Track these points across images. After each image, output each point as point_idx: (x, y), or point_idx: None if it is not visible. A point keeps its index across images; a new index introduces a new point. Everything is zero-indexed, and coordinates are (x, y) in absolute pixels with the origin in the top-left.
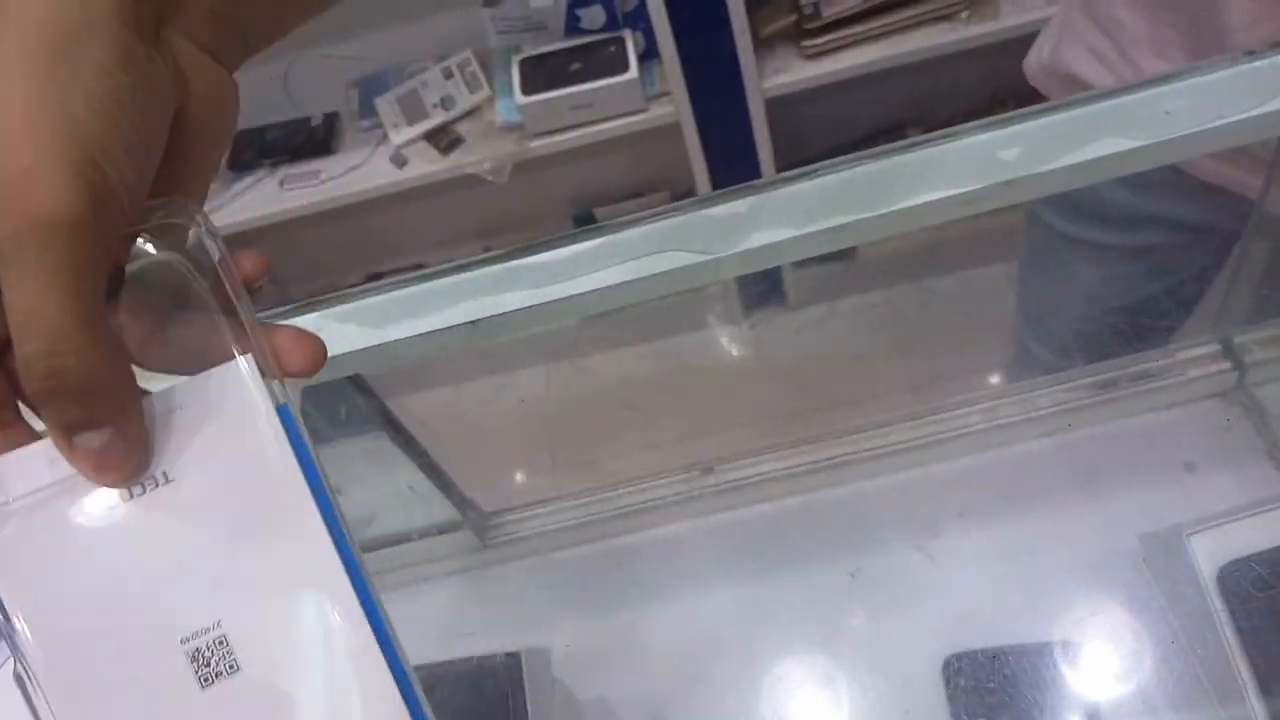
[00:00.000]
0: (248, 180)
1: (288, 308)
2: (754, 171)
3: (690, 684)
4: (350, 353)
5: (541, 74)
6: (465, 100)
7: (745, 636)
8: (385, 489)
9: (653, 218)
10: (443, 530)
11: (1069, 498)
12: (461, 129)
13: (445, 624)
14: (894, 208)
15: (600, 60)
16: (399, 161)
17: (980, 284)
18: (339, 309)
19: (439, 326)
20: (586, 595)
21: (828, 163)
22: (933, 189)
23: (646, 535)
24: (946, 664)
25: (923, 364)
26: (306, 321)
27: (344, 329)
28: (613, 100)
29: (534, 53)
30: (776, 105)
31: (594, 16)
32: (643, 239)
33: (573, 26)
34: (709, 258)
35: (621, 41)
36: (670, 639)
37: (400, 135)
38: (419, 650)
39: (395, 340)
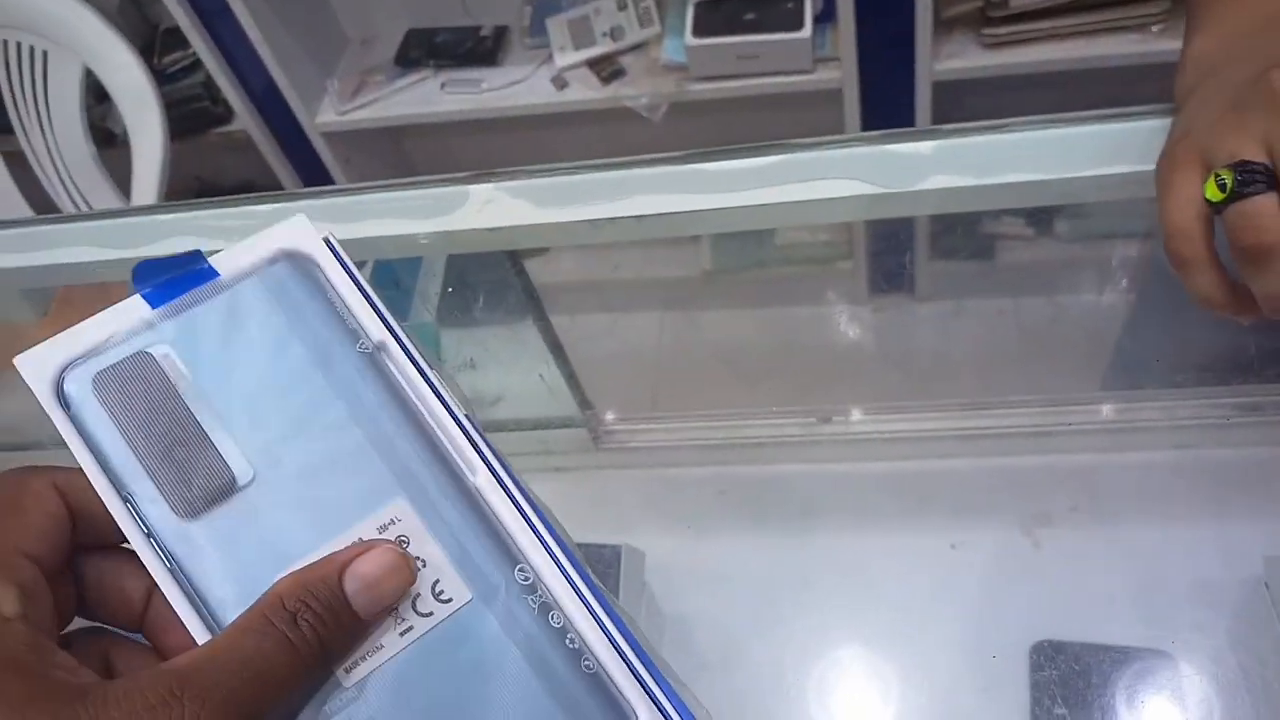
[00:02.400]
0: (411, 78)
1: (465, 174)
2: None
3: (770, 623)
4: (513, 227)
5: (715, 18)
6: (634, 33)
7: (834, 586)
8: (517, 374)
9: (834, 144)
10: (561, 425)
11: (1192, 512)
12: (625, 61)
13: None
14: (1085, 174)
15: (776, 14)
16: (559, 84)
17: (1116, 305)
18: (512, 184)
19: (605, 215)
20: (687, 515)
21: (1022, 120)
22: (1127, 163)
23: (755, 470)
24: (1035, 649)
25: (1055, 365)
26: (481, 190)
27: (515, 203)
28: (781, 56)
29: None
30: (944, 90)
31: None
32: (822, 163)
33: None
34: (884, 191)
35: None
36: (761, 575)
37: (565, 58)
38: None
39: (559, 223)
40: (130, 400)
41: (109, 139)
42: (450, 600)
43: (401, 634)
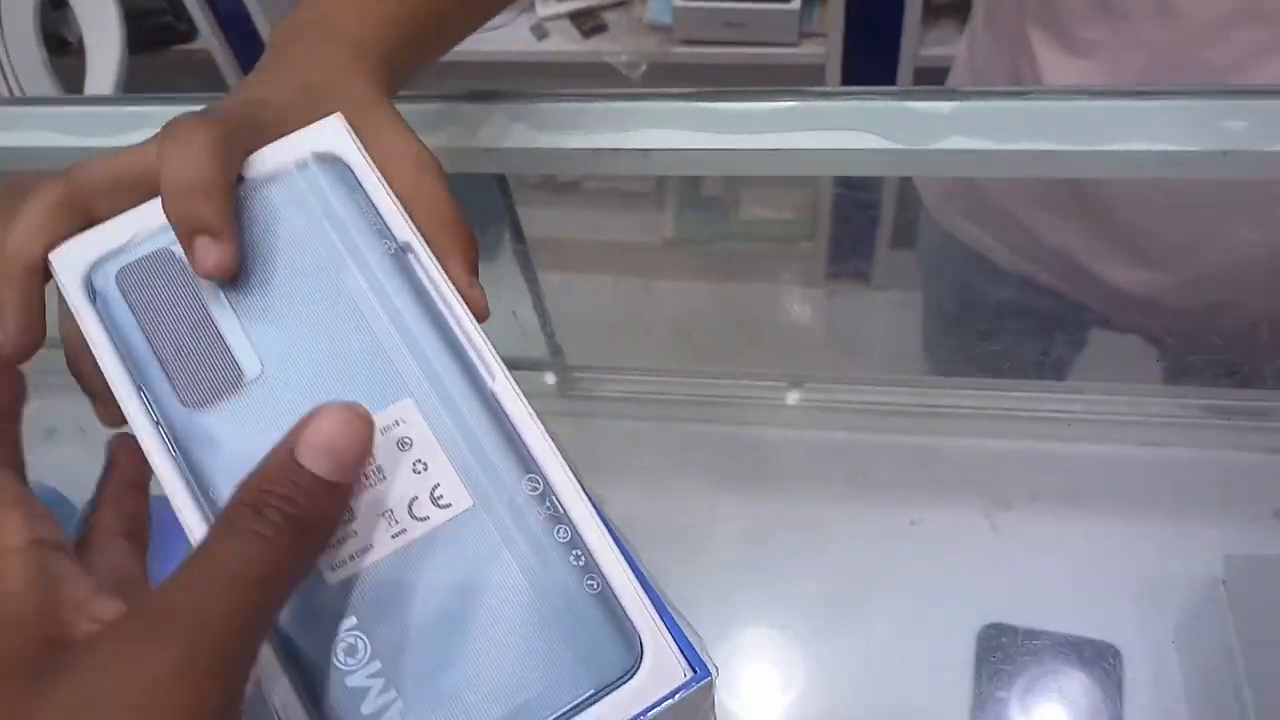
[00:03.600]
0: None
1: (464, 93)
2: None
3: (728, 585)
4: (509, 150)
5: None
6: None
7: (792, 550)
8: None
9: (851, 95)
10: (530, 368)
11: (1154, 509)
12: (609, 17)
13: None
14: (1104, 148)
15: None
16: (539, 33)
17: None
18: (515, 107)
19: (610, 146)
20: (650, 469)
21: (1047, 88)
22: (1150, 141)
23: (719, 429)
24: (983, 631)
25: (1023, 354)
26: (474, 110)
27: (513, 126)
28: (767, 26)
29: None
30: (927, 76)
31: None
32: (836, 113)
33: None
34: (898, 147)
35: None
36: (722, 535)
37: (547, 8)
38: None
39: (563, 149)
40: (151, 295)
41: (62, 46)
42: (449, 506)
43: (393, 536)
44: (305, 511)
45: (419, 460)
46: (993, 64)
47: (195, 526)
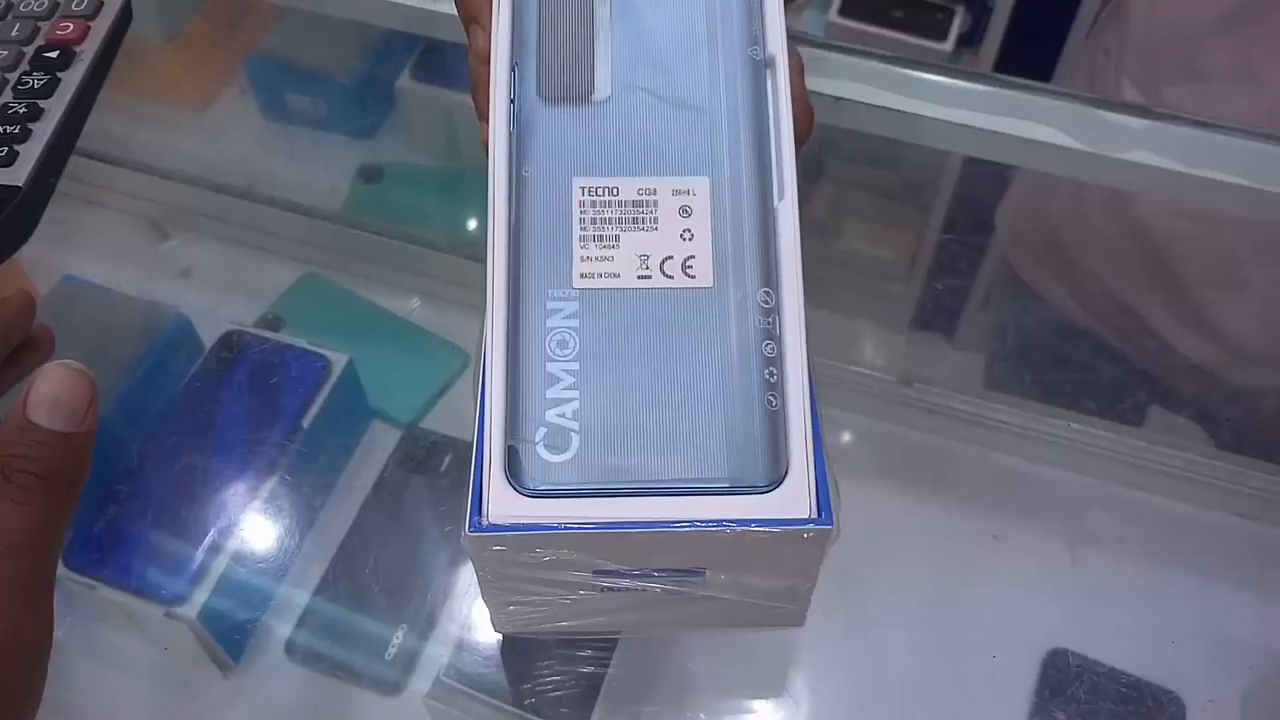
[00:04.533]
0: None
1: None
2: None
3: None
4: None
5: (864, 4)
6: None
7: (867, 543)
8: None
9: (1043, 92)
10: None
11: (1235, 576)
12: None
13: None
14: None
15: (924, 19)
16: None
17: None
18: None
19: None
20: None
21: (1237, 126)
22: None
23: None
24: (1050, 655)
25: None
26: None
27: None
28: (921, 50)
29: None
30: None
31: None
32: (1027, 105)
33: None
34: (1087, 150)
35: (951, 13)
36: None
37: None
38: None
39: None
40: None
41: None
42: (693, 278)
43: (638, 276)
44: (49, 466)
45: (688, 229)
46: None
47: (502, 196)
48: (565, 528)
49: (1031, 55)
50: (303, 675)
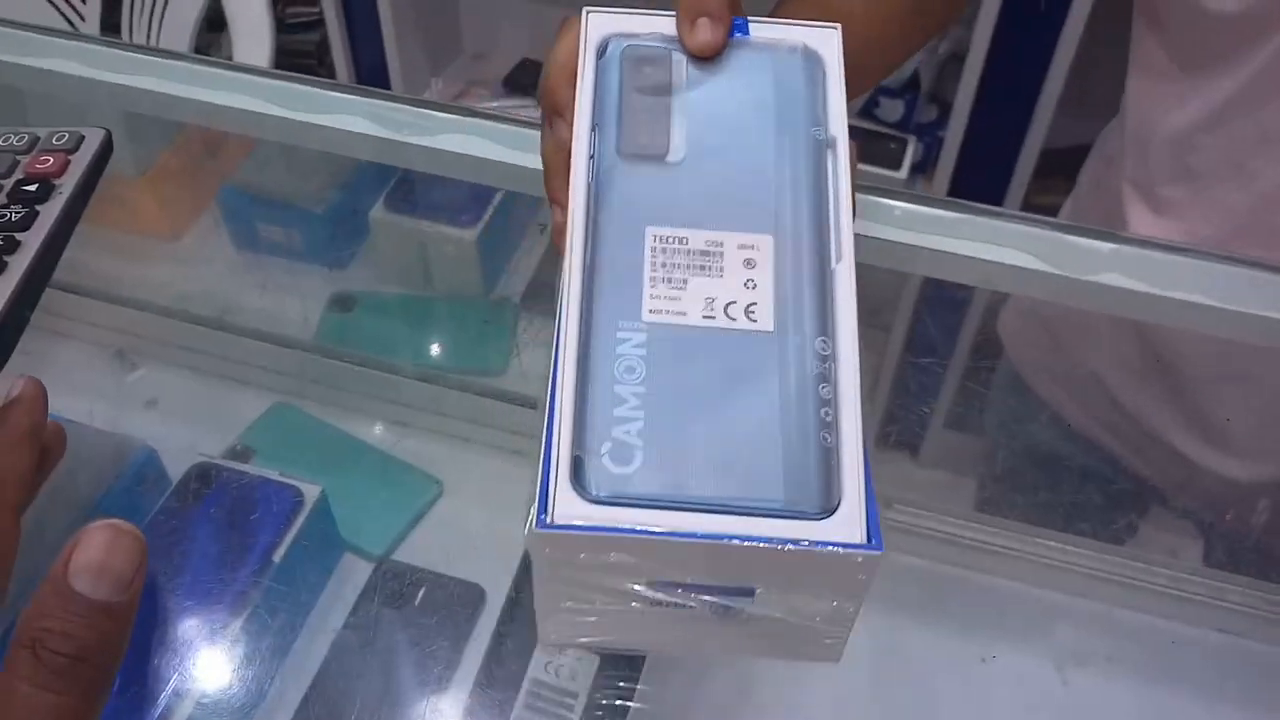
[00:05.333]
0: (514, 102)
1: None
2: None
3: (788, 683)
4: None
5: None
6: None
7: (858, 664)
8: None
9: (1008, 218)
10: None
11: (1235, 698)
12: None
13: None
14: (1259, 313)
15: (879, 149)
16: None
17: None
18: None
19: None
20: None
21: (1200, 249)
22: None
23: None
24: None
25: (1089, 513)
26: None
27: None
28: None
29: None
30: None
31: (892, 109)
32: (992, 230)
33: (869, 110)
34: (1055, 272)
35: (905, 144)
36: None
37: None
38: None
39: None
40: (638, 71)
41: None
42: (755, 321)
43: (703, 316)
44: (85, 645)
45: (751, 279)
46: (1091, 218)
47: (578, 238)
48: (627, 531)
49: (982, 183)
50: None
